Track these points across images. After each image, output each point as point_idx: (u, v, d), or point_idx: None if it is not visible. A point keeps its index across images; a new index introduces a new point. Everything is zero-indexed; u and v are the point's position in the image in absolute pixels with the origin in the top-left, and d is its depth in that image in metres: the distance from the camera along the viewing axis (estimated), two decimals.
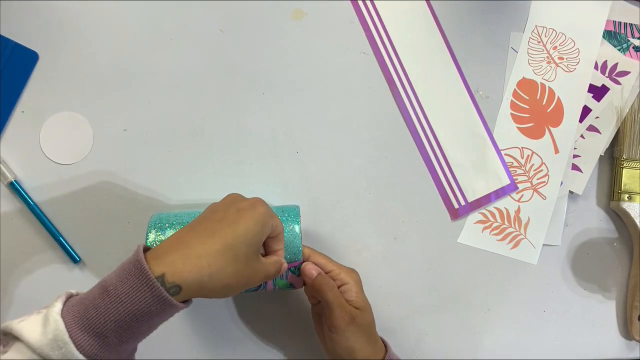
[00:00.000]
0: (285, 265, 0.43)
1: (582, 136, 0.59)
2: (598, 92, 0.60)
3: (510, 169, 0.58)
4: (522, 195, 0.58)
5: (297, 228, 0.46)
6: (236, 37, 0.56)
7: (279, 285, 0.47)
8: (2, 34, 0.53)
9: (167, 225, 0.45)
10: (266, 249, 0.43)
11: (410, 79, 0.58)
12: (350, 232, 0.56)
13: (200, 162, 0.55)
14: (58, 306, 0.33)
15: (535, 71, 0.60)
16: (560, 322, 0.58)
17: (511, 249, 0.57)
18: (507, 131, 0.59)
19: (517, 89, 0.59)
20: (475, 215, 0.57)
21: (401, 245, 0.56)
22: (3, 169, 0.52)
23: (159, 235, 0.45)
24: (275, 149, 0.56)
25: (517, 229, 0.58)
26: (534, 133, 0.59)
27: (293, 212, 0.47)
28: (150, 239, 0.44)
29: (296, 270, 0.46)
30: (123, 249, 0.53)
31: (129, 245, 0.53)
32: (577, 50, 0.60)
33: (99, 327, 0.33)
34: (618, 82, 0.60)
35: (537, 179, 0.58)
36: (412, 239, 0.56)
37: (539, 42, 0.60)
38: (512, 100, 0.59)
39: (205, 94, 0.55)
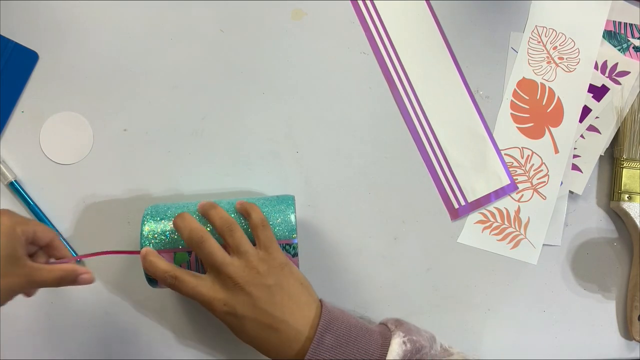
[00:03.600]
0: (79, 272, 0.42)
1: (582, 136, 0.59)
2: (598, 92, 0.60)
3: (510, 169, 0.58)
4: (522, 195, 0.58)
5: (292, 217, 0.46)
6: (236, 37, 0.56)
7: None
8: (2, 34, 0.53)
9: (164, 216, 0.46)
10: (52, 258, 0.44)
11: (410, 79, 0.58)
12: (350, 232, 0.56)
13: (201, 162, 0.55)
14: None
15: (535, 71, 0.60)
16: (560, 322, 0.58)
17: (511, 249, 0.57)
18: (507, 131, 0.59)
19: (517, 89, 0.59)
20: (475, 215, 0.57)
21: (401, 245, 0.56)
22: (3, 169, 0.52)
23: (154, 224, 0.45)
24: (275, 148, 0.56)
25: (517, 229, 0.58)
26: (534, 133, 0.59)
27: (287, 201, 0.47)
28: (145, 231, 0.45)
29: (291, 249, 0.46)
30: (123, 249, 0.53)
31: (129, 245, 0.53)
32: (577, 50, 0.60)
33: None
34: (618, 82, 0.60)
35: (537, 179, 0.58)
36: (412, 239, 0.56)
37: (539, 42, 0.60)
38: (512, 100, 0.59)
39: (205, 94, 0.55)
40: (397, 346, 0.40)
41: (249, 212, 0.44)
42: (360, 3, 0.58)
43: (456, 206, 0.57)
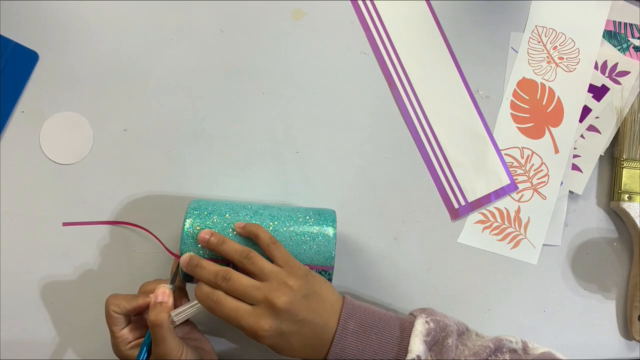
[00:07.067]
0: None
1: (582, 136, 0.59)
2: (598, 92, 0.60)
3: (510, 169, 0.58)
4: (522, 195, 0.58)
5: (332, 241, 0.46)
6: (236, 37, 0.56)
7: None
8: (2, 34, 0.53)
9: (205, 213, 0.46)
10: None
11: (410, 79, 0.58)
12: (350, 232, 0.56)
13: (201, 162, 0.55)
14: None
15: (535, 71, 0.60)
16: (560, 322, 0.58)
17: (511, 249, 0.57)
18: (507, 131, 0.59)
19: (517, 89, 0.59)
20: (475, 215, 0.57)
21: (401, 245, 0.56)
22: None
23: (197, 222, 0.45)
24: (275, 149, 0.56)
25: (517, 229, 0.58)
26: (534, 133, 0.59)
27: (328, 218, 0.47)
28: (187, 225, 0.45)
29: (326, 275, 0.46)
30: (123, 249, 0.53)
31: (130, 246, 0.53)
32: (577, 50, 0.60)
33: None
34: (618, 82, 0.60)
35: (537, 179, 0.58)
36: (412, 239, 0.56)
37: (539, 42, 0.60)
38: (512, 100, 0.59)
39: (205, 94, 0.55)
40: (420, 325, 0.42)
41: (256, 232, 0.44)
42: (360, 3, 0.58)
43: (456, 206, 0.57)
